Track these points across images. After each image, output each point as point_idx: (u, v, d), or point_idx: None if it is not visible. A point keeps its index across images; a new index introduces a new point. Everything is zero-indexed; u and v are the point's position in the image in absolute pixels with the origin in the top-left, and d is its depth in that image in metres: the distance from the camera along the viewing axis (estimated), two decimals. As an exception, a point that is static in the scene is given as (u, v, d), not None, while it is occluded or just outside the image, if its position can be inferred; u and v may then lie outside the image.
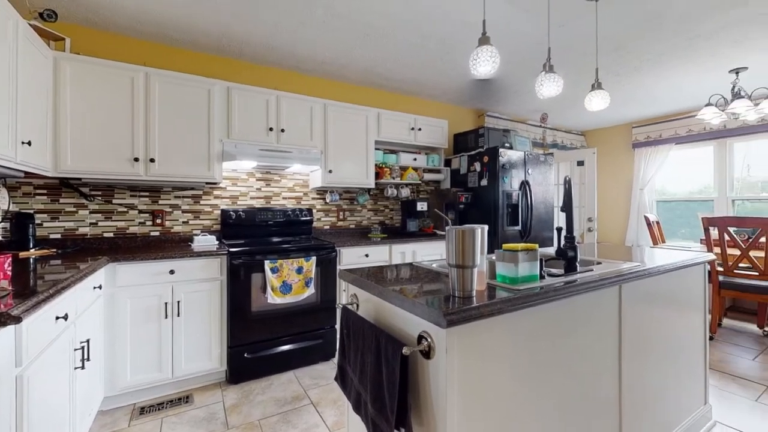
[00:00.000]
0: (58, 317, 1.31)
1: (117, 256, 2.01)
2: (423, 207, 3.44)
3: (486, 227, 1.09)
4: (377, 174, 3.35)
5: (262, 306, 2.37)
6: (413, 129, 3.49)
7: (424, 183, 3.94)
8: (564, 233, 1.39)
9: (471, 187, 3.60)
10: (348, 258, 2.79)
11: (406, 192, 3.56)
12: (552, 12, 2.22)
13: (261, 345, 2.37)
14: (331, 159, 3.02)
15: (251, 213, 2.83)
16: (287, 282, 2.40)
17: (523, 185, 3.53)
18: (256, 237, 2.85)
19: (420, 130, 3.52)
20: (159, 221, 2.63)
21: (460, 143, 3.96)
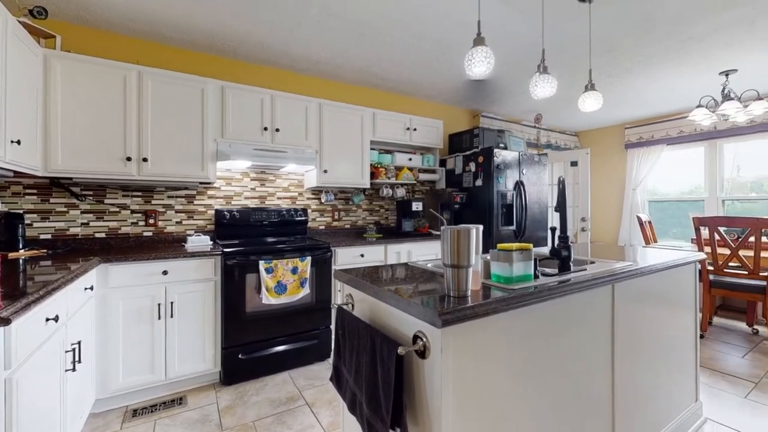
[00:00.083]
0: (48, 319, 1.29)
1: (109, 256, 1.99)
2: (418, 207, 3.44)
3: (481, 227, 1.10)
4: (372, 174, 3.35)
5: (256, 306, 2.35)
6: (408, 129, 3.49)
7: (419, 183, 3.95)
8: (558, 233, 1.41)
9: (466, 187, 3.61)
10: (343, 258, 2.79)
11: (401, 192, 3.57)
12: (546, 13, 2.23)
13: (256, 346, 2.35)
14: (326, 159, 3.01)
15: (246, 213, 2.81)
16: (282, 282, 2.39)
17: (518, 185, 3.55)
18: (250, 237, 2.84)
19: (415, 130, 3.53)
20: (152, 221, 2.61)
21: (455, 143, 3.97)
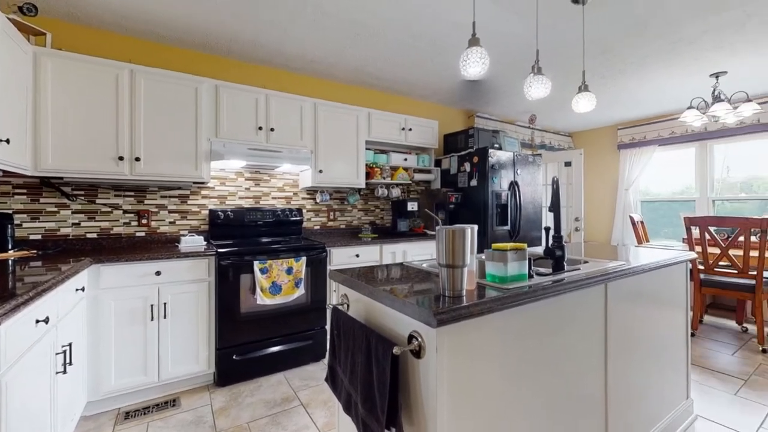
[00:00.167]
0: (38, 321, 1.27)
1: (101, 257, 1.96)
2: (413, 207, 3.45)
3: (476, 227, 1.10)
4: (368, 174, 3.34)
5: (251, 307, 2.34)
6: (404, 129, 3.49)
7: (414, 183, 3.96)
8: (552, 233, 1.42)
9: (461, 188, 3.62)
10: (338, 258, 2.78)
11: (396, 192, 3.57)
12: (540, 15, 2.25)
13: (250, 346, 2.34)
14: (322, 159, 3.00)
15: (240, 213, 2.80)
16: (277, 283, 2.38)
17: (512, 185, 3.57)
18: (245, 237, 2.82)
19: (410, 130, 3.53)
20: (145, 221, 2.58)
21: (450, 144, 3.98)
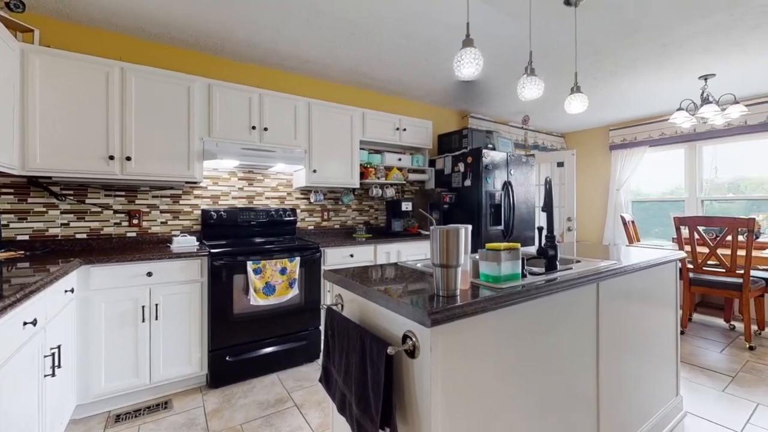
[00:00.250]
0: (26, 323, 1.25)
1: (91, 257, 1.93)
2: (408, 207, 3.45)
3: (470, 227, 1.11)
4: (362, 174, 3.34)
5: (244, 308, 2.32)
6: (398, 129, 3.50)
7: (408, 183, 3.96)
8: (545, 232, 1.43)
9: (455, 188, 3.64)
10: (332, 258, 2.77)
11: (390, 192, 3.57)
12: (533, 16, 2.27)
13: (243, 347, 2.32)
14: (316, 158, 2.99)
15: (233, 213, 2.77)
16: (270, 283, 2.37)
17: (506, 186, 3.59)
18: (238, 237, 2.80)
19: (405, 130, 3.54)
20: (136, 222, 2.54)
21: (444, 144, 4.00)
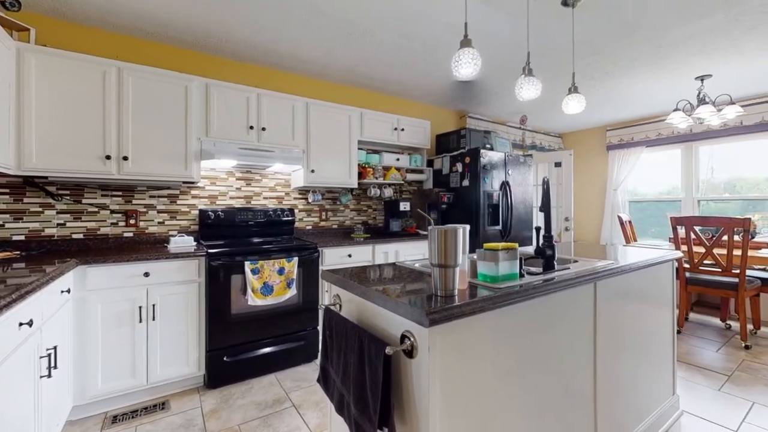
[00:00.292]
0: (21, 324, 1.24)
1: (87, 258, 1.92)
2: (406, 207, 3.45)
3: (468, 227, 1.11)
4: (360, 174, 3.34)
5: (242, 308, 2.32)
6: (396, 129, 3.50)
7: (406, 183, 3.96)
8: (542, 232, 1.43)
9: (453, 188, 3.64)
10: (330, 258, 2.77)
11: (389, 192, 3.57)
12: (531, 17, 2.27)
13: (241, 348, 2.32)
14: (314, 158, 2.99)
15: (231, 213, 2.76)
16: (268, 283, 2.36)
17: (504, 186, 3.60)
18: (236, 238, 2.79)
19: (403, 130, 3.54)
20: (133, 222, 2.53)
21: (442, 144, 4.00)
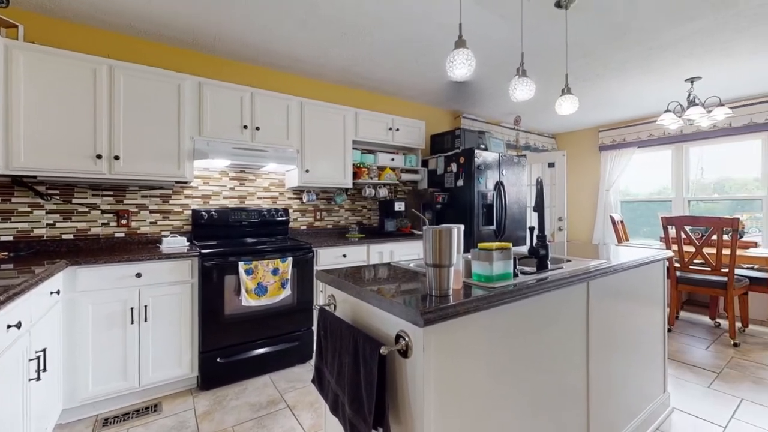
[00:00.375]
0: (9, 326, 1.21)
1: (77, 258, 1.89)
2: (400, 207, 3.45)
3: (462, 227, 1.11)
4: (355, 174, 3.33)
5: (236, 309, 2.30)
6: (391, 129, 3.50)
7: (401, 183, 3.97)
8: (536, 232, 1.44)
9: (447, 188, 3.65)
10: (325, 258, 2.76)
11: (383, 192, 3.57)
12: (525, 18, 2.29)
13: (235, 349, 2.30)
14: (308, 158, 2.97)
15: (224, 213, 2.74)
16: (262, 284, 2.35)
17: (498, 186, 3.62)
18: (229, 238, 2.77)
19: (398, 130, 3.54)
20: (124, 222, 2.50)
21: (437, 144, 4.01)
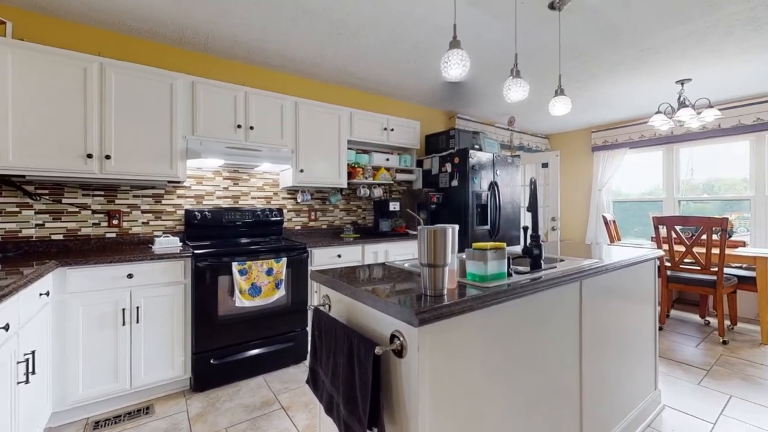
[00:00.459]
0: (-3, 328, 1.19)
1: (67, 259, 1.87)
2: (395, 207, 3.46)
3: (457, 227, 1.12)
4: (350, 174, 3.33)
5: (229, 309, 2.28)
6: (386, 129, 3.50)
7: (396, 183, 3.97)
8: (530, 232, 1.45)
9: (442, 188, 3.66)
10: (320, 259, 2.75)
11: (378, 192, 3.57)
12: (519, 19, 2.30)
13: (228, 350, 2.28)
14: (303, 158, 2.96)
15: (218, 213, 2.72)
16: (256, 284, 2.33)
17: (492, 186, 3.64)
18: (223, 238, 2.75)
19: (392, 130, 3.54)
20: (116, 222, 2.47)
21: (431, 144, 4.02)
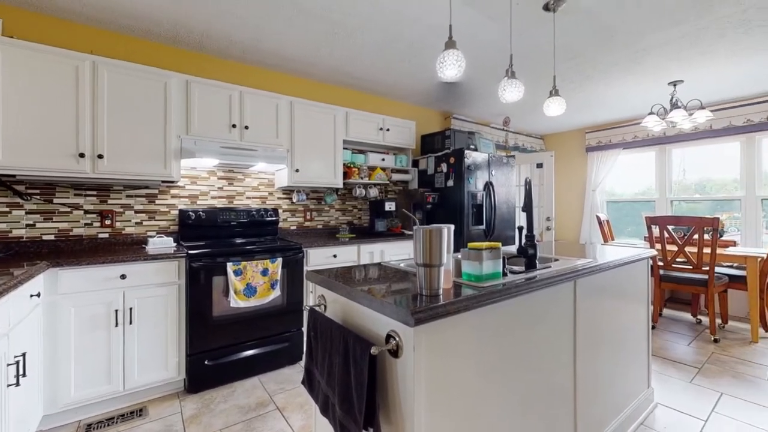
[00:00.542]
0: (-14, 330, 1.17)
1: (59, 260, 1.84)
2: (391, 207, 3.46)
3: (452, 227, 1.12)
4: (345, 174, 3.32)
5: (224, 310, 2.27)
6: (381, 129, 3.50)
7: (392, 183, 3.97)
8: (525, 232, 1.46)
9: (438, 188, 3.67)
10: (315, 259, 2.74)
11: (374, 192, 3.57)
12: (514, 20, 2.32)
13: (223, 351, 2.27)
14: (298, 158, 2.95)
15: (212, 213, 2.70)
16: (251, 284, 2.32)
17: (487, 186, 3.65)
18: (217, 238, 2.73)
19: (388, 130, 3.54)
20: (108, 222, 2.44)
21: (427, 144, 4.03)
